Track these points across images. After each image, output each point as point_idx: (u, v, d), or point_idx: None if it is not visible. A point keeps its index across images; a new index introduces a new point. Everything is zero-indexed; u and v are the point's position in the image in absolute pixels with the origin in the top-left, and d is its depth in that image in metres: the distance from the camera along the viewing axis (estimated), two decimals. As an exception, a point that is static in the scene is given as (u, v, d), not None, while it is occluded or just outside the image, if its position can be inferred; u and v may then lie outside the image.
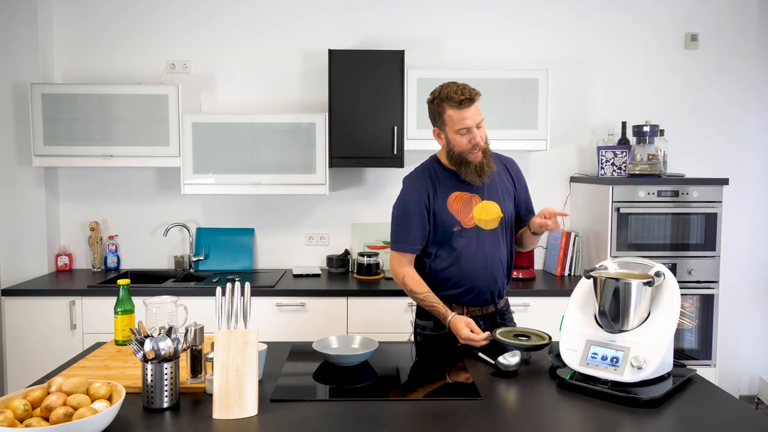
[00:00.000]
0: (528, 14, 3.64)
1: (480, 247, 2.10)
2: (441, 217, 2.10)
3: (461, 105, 1.99)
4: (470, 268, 2.10)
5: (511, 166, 2.25)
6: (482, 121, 2.04)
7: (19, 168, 3.44)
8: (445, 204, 2.11)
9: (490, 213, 2.11)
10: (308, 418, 1.48)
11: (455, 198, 2.12)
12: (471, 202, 2.11)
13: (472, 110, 2.00)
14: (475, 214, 2.10)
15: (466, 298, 2.14)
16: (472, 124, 2.00)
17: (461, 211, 2.10)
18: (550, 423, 1.47)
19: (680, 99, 3.69)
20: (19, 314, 3.09)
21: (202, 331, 1.67)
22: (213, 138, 3.28)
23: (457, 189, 2.12)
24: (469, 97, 1.99)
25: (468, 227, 2.10)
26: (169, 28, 3.60)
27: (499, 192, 2.15)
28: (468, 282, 2.12)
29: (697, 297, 3.24)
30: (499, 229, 2.13)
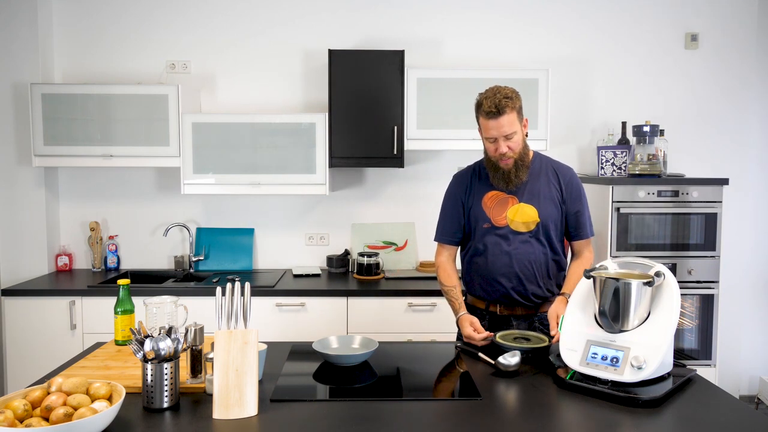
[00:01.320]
0: (528, 14, 3.64)
1: (507, 246, 2.11)
2: (474, 213, 2.17)
3: (488, 116, 2.03)
4: (494, 265, 2.12)
5: (563, 174, 2.19)
6: (514, 132, 2.04)
7: (19, 168, 3.44)
8: (480, 201, 2.16)
9: (526, 216, 2.11)
10: (308, 418, 1.48)
11: (491, 196, 2.15)
12: (507, 203, 2.13)
13: (499, 122, 2.02)
14: (509, 214, 2.12)
15: (495, 297, 2.16)
16: (496, 135, 2.04)
17: (495, 210, 2.14)
18: (550, 423, 1.47)
19: (680, 99, 3.69)
20: (19, 314, 3.09)
21: (202, 331, 1.67)
22: (213, 138, 3.28)
23: (495, 189, 2.15)
24: (496, 110, 2.00)
25: (499, 226, 2.12)
26: (169, 28, 3.60)
27: (540, 197, 2.13)
28: (492, 279, 2.14)
29: (697, 297, 3.24)
30: (535, 233, 2.12)
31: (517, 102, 2.05)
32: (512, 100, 2.03)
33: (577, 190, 2.19)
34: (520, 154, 2.08)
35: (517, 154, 2.07)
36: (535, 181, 2.15)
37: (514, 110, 2.03)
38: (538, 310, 2.18)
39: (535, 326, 2.18)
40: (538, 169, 2.17)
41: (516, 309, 2.16)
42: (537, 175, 2.16)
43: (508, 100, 2.01)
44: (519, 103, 2.07)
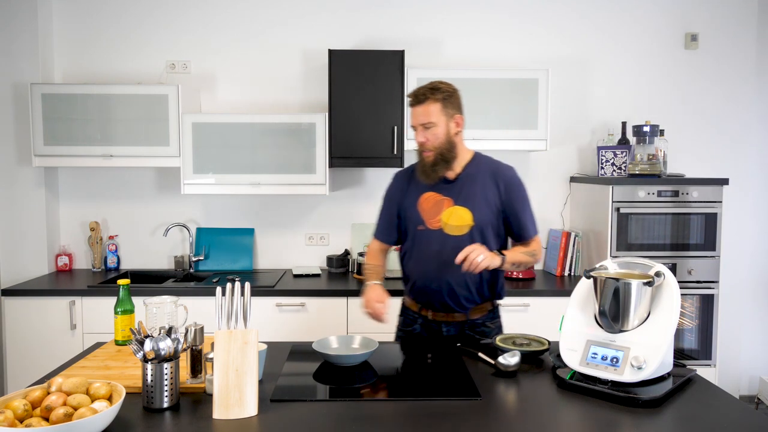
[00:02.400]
0: (528, 14, 3.64)
1: (439, 249, 2.07)
2: (409, 214, 2.15)
3: (409, 104, 2.08)
4: (425, 269, 2.10)
5: (502, 176, 2.12)
6: (432, 123, 2.03)
7: (19, 168, 3.44)
8: (415, 202, 2.14)
9: (460, 219, 2.07)
10: (308, 418, 1.48)
11: (427, 198, 2.12)
12: (442, 205, 2.09)
13: (416, 110, 2.05)
14: (443, 217, 2.08)
15: (424, 300, 2.15)
16: (415, 123, 2.07)
17: (429, 212, 2.10)
18: (550, 423, 1.47)
19: (680, 99, 3.69)
20: (19, 314, 3.09)
21: (202, 331, 1.67)
22: (213, 138, 3.28)
23: (432, 189, 2.12)
24: (415, 99, 2.04)
25: (432, 229, 2.09)
26: (169, 28, 3.60)
27: (475, 200, 2.08)
28: (421, 283, 2.13)
29: (697, 297, 3.24)
30: (468, 238, 2.06)
31: (444, 96, 2.03)
32: (438, 92, 2.02)
33: (517, 191, 2.13)
34: (442, 149, 2.05)
35: (436, 148, 2.05)
36: (472, 183, 2.10)
37: (436, 102, 2.02)
38: (469, 316, 2.15)
39: (466, 333, 2.16)
40: (475, 171, 2.12)
41: (447, 314, 2.14)
42: (474, 177, 2.11)
43: (433, 92, 2.02)
44: (449, 98, 2.05)
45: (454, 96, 2.08)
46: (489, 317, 2.21)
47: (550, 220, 3.73)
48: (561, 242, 3.51)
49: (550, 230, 3.70)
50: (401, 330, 2.26)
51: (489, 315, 2.21)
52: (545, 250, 3.70)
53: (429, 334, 2.19)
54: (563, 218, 3.73)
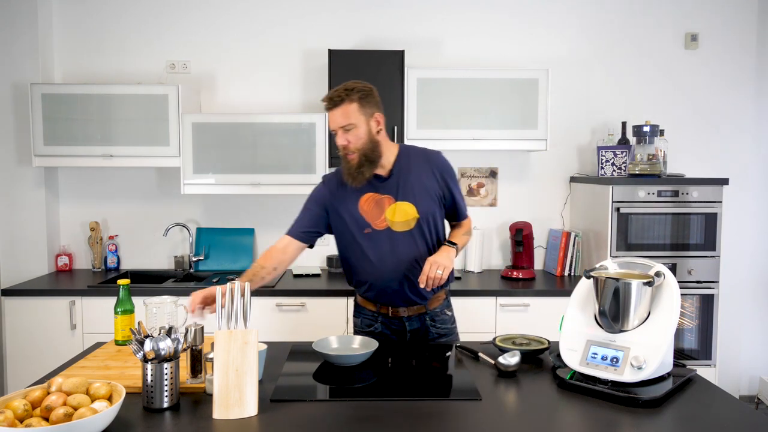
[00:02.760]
0: (528, 14, 3.64)
1: (392, 249, 2.06)
2: (350, 220, 2.08)
3: (326, 108, 2.01)
4: (382, 270, 2.07)
5: (433, 161, 2.11)
6: (351, 125, 1.97)
7: (19, 168, 3.44)
8: (356, 205, 2.07)
9: (405, 214, 2.05)
10: (308, 418, 1.48)
11: (367, 199, 2.07)
12: (383, 204, 2.06)
13: (333, 113, 1.99)
14: (388, 215, 2.05)
15: (385, 300, 2.14)
16: (334, 126, 2.00)
17: (372, 213, 2.06)
18: (550, 423, 1.47)
19: (680, 99, 3.69)
20: (19, 314, 3.09)
21: (202, 331, 1.67)
22: (213, 138, 3.28)
23: (370, 190, 2.07)
24: (330, 102, 1.98)
25: (379, 229, 2.06)
26: (169, 28, 3.60)
27: (415, 192, 2.06)
28: (381, 284, 2.10)
29: (697, 297, 3.24)
30: (416, 230, 2.06)
31: (360, 95, 1.98)
32: (354, 92, 1.97)
33: (450, 173, 2.14)
34: (365, 149, 2.00)
35: (359, 149, 2.00)
36: (408, 176, 2.07)
37: (353, 102, 1.96)
38: (429, 307, 2.16)
39: (427, 324, 2.17)
40: (407, 163, 2.09)
41: (408, 308, 2.14)
42: (408, 169, 2.08)
43: (349, 92, 1.96)
44: (366, 97, 1.99)
45: (372, 95, 2.03)
46: (445, 305, 2.23)
47: (550, 220, 3.73)
48: (561, 242, 3.51)
49: (550, 230, 3.70)
50: (362, 332, 2.21)
51: (445, 303, 2.23)
52: (545, 250, 3.70)
53: (391, 331, 2.17)
54: (563, 218, 3.73)
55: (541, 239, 3.71)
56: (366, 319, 2.21)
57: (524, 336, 2.03)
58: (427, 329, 2.17)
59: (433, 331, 2.18)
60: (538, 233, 3.68)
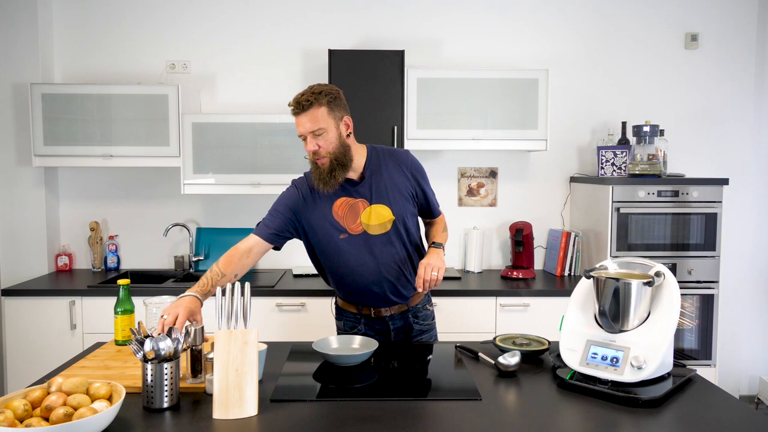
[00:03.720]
0: (528, 14, 3.64)
1: (369, 253, 2.04)
2: (324, 226, 2.03)
3: (293, 113, 1.95)
4: (362, 275, 2.05)
5: (403, 161, 2.09)
6: (321, 129, 1.91)
7: (19, 168, 3.44)
8: (329, 211, 2.03)
9: (380, 217, 2.02)
10: (308, 418, 1.48)
11: (340, 204, 2.03)
12: (357, 208, 2.02)
13: (301, 119, 1.92)
14: (363, 219, 2.02)
15: (366, 301, 2.13)
16: (303, 132, 1.93)
17: (347, 218, 2.02)
18: (550, 423, 1.47)
19: (680, 99, 3.69)
20: (19, 314, 3.09)
21: (202, 331, 1.67)
22: (213, 138, 3.28)
23: (343, 195, 2.03)
24: (298, 107, 1.92)
25: (355, 233, 2.02)
26: (169, 28, 3.60)
27: (388, 193, 2.04)
28: (362, 288, 2.08)
29: (697, 297, 3.24)
30: (392, 232, 2.04)
31: (329, 99, 1.93)
32: (322, 96, 1.91)
33: (420, 171, 2.11)
34: (337, 153, 1.95)
35: (331, 154, 1.94)
36: (379, 177, 2.04)
37: (321, 106, 1.91)
38: (410, 303, 2.16)
39: (410, 321, 2.17)
40: (378, 165, 2.06)
41: (390, 308, 2.14)
42: (379, 171, 2.05)
43: (317, 96, 1.91)
44: (334, 100, 1.95)
45: (339, 97, 1.98)
46: (426, 300, 2.23)
47: (550, 220, 3.73)
48: (561, 242, 3.51)
49: (550, 230, 3.70)
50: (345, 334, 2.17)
51: (426, 298, 2.23)
52: (545, 250, 3.70)
53: (374, 330, 2.17)
54: (563, 218, 3.73)
55: (541, 239, 3.71)
56: (348, 321, 2.20)
57: (524, 336, 2.03)
58: (410, 326, 2.17)
59: (416, 327, 2.18)
60: (538, 233, 3.68)
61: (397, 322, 2.16)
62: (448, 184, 3.70)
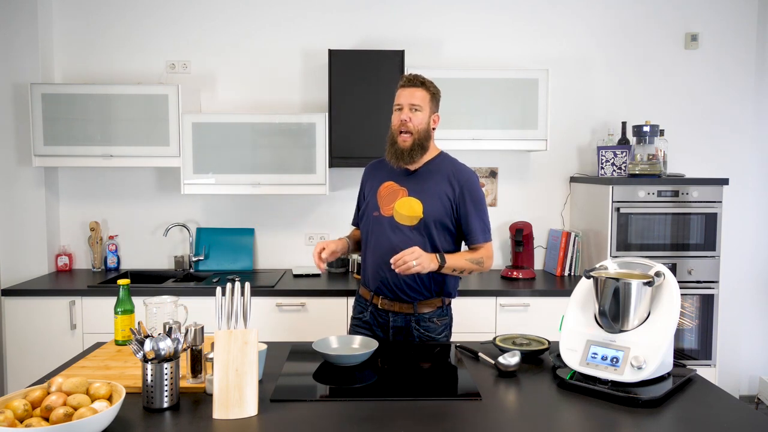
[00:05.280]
0: (528, 14, 3.64)
1: (389, 237, 2.12)
2: (369, 201, 2.24)
3: (404, 85, 2.15)
4: (376, 254, 2.16)
5: (461, 177, 2.16)
6: (420, 107, 2.11)
7: (19, 168, 3.44)
8: (376, 190, 2.22)
9: (411, 209, 2.11)
10: (308, 418, 1.48)
11: (386, 186, 2.19)
12: (397, 194, 2.16)
13: (409, 91, 2.12)
14: (396, 206, 2.13)
15: (375, 286, 2.18)
16: (404, 102, 2.12)
17: (385, 199, 2.17)
18: (550, 423, 1.47)
19: (680, 99, 3.69)
20: (19, 314, 3.09)
21: (202, 331, 1.67)
22: (213, 138, 3.28)
23: (391, 179, 2.19)
24: (411, 81, 2.13)
25: (385, 216, 2.15)
26: (169, 28, 3.60)
27: (429, 193, 2.13)
28: (373, 268, 2.18)
29: (697, 297, 3.24)
30: (417, 229, 2.10)
31: (433, 91, 2.15)
32: (431, 86, 2.15)
33: (471, 193, 2.15)
34: (420, 136, 2.12)
35: (417, 133, 2.11)
36: (430, 177, 2.16)
37: (428, 92, 2.13)
38: (417, 310, 2.17)
39: (411, 326, 2.17)
40: (436, 168, 2.18)
41: (395, 304, 2.17)
42: (434, 172, 2.17)
43: (427, 82, 2.14)
44: (436, 95, 2.16)
45: (438, 96, 2.19)
46: (438, 313, 2.22)
47: (550, 220, 3.73)
48: (561, 242, 3.51)
49: (550, 230, 3.70)
50: (354, 318, 2.31)
51: (438, 311, 2.22)
52: (545, 250, 3.70)
53: (377, 322, 2.21)
54: (563, 218, 3.73)
55: (541, 239, 3.71)
56: (360, 305, 2.29)
57: (524, 336, 2.03)
58: (410, 330, 2.18)
59: (416, 333, 2.18)
60: (538, 233, 3.68)
61: (398, 321, 2.17)
62: (448, 184, 3.70)
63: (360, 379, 1.74)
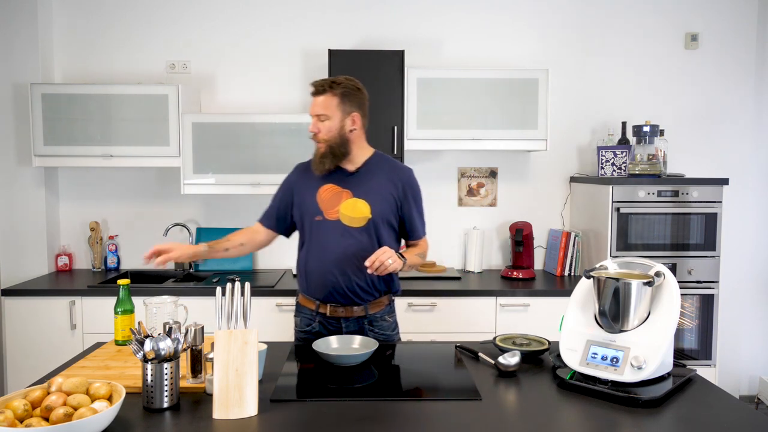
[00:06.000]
0: (528, 14, 3.64)
1: (337, 241, 2.08)
2: (306, 205, 2.15)
3: (311, 93, 2.12)
4: (324, 260, 2.10)
5: (400, 174, 2.16)
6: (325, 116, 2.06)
7: (19, 168, 3.44)
8: (315, 193, 2.14)
9: (358, 211, 2.08)
10: (308, 418, 1.48)
11: (326, 189, 2.14)
12: (340, 197, 2.11)
13: (315, 100, 2.09)
14: (342, 209, 2.09)
15: (322, 295, 2.13)
16: (311, 112, 2.11)
17: (328, 203, 2.11)
18: (550, 423, 1.47)
19: (680, 99, 3.69)
20: (19, 314, 3.09)
21: (202, 331, 1.67)
22: (213, 138, 3.28)
23: (331, 181, 2.14)
24: (314, 89, 2.09)
25: (330, 219, 2.10)
26: (169, 28, 3.60)
27: (374, 193, 2.11)
28: (320, 274, 2.11)
29: (697, 297, 3.24)
30: (366, 230, 2.09)
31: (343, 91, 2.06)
32: (338, 87, 2.06)
33: (414, 190, 2.17)
34: (332, 142, 2.08)
35: (327, 141, 2.08)
36: (371, 177, 2.13)
37: (334, 96, 2.06)
38: (369, 311, 2.15)
39: (365, 328, 2.15)
40: (375, 168, 2.16)
41: (346, 309, 2.13)
42: (374, 172, 2.14)
43: (333, 85, 2.06)
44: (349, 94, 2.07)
45: (356, 94, 2.10)
46: (387, 311, 2.22)
47: (550, 220, 3.73)
48: (561, 242, 3.51)
49: (550, 230, 3.70)
50: (300, 331, 2.22)
51: (387, 309, 2.22)
52: (545, 250, 3.70)
53: (328, 331, 2.16)
54: (563, 218, 3.73)
55: (541, 239, 3.71)
56: (305, 318, 2.21)
57: (524, 336, 2.03)
58: (364, 333, 2.15)
59: (370, 335, 2.16)
60: (538, 233, 3.68)
61: (351, 326, 2.15)
62: (448, 184, 3.70)
63: (360, 379, 1.74)
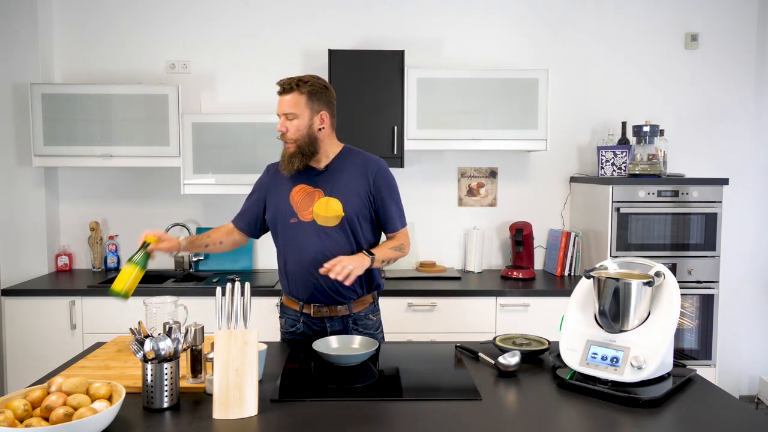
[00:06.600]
0: (528, 14, 3.64)
1: (314, 242, 2.06)
2: (281, 208, 2.12)
3: (278, 92, 2.11)
4: (302, 261, 2.08)
5: (371, 168, 2.13)
6: (293, 115, 2.04)
7: (19, 168, 3.44)
8: (287, 195, 2.12)
9: (331, 210, 2.06)
10: (308, 418, 1.48)
11: (298, 190, 2.11)
12: (313, 197, 2.09)
13: (282, 99, 2.08)
14: (315, 209, 2.07)
15: (305, 296, 2.11)
16: (278, 111, 2.09)
17: (301, 204, 2.09)
18: (550, 423, 1.47)
19: (680, 99, 3.69)
20: (19, 314, 3.09)
21: (202, 331, 1.67)
22: (213, 138, 3.28)
23: (303, 182, 2.11)
24: (281, 88, 2.09)
25: (305, 221, 2.08)
26: (169, 28, 3.60)
27: (345, 190, 2.09)
28: (300, 276, 2.09)
29: (697, 297, 3.24)
30: (341, 228, 2.06)
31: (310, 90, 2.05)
32: (305, 85, 2.05)
33: (385, 183, 2.13)
34: (301, 141, 2.05)
35: (295, 141, 2.06)
36: (341, 174, 2.11)
37: (302, 95, 2.04)
38: (352, 309, 2.14)
39: (349, 327, 2.14)
40: (344, 163, 2.13)
41: (330, 309, 2.12)
42: (344, 168, 2.12)
43: (300, 84, 2.05)
44: (316, 93, 2.06)
45: (323, 93, 2.09)
46: (371, 309, 2.20)
47: (550, 220, 3.73)
48: (561, 242, 3.51)
49: (550, 230, 3.70)
50: (285, 333, 2.21)
51: (371, 307, 2.20)
52: (545, 250, 3.70)
53: (312, 332, 2.15)
54: (563, 218, 3.73)
55: (541, 239, 3.71)
56: (289, 319, 2.20)
57: (524, 336, 2.03)
58: (348, 332, 2.14)
59: (355, 334, 2.13)
60: (538, 233, 3.68)
61: (335, 325, 2.13)
62: (448, 184, 3.70)
63: (360, 379, 1.74)
